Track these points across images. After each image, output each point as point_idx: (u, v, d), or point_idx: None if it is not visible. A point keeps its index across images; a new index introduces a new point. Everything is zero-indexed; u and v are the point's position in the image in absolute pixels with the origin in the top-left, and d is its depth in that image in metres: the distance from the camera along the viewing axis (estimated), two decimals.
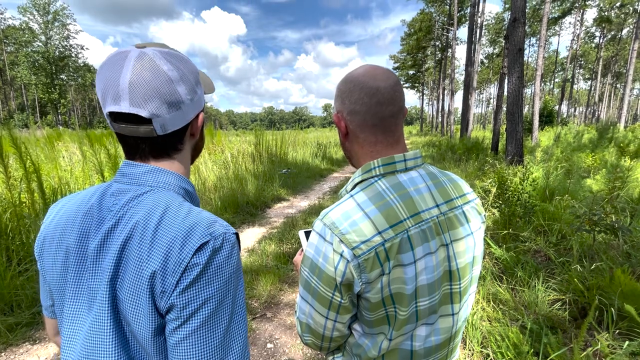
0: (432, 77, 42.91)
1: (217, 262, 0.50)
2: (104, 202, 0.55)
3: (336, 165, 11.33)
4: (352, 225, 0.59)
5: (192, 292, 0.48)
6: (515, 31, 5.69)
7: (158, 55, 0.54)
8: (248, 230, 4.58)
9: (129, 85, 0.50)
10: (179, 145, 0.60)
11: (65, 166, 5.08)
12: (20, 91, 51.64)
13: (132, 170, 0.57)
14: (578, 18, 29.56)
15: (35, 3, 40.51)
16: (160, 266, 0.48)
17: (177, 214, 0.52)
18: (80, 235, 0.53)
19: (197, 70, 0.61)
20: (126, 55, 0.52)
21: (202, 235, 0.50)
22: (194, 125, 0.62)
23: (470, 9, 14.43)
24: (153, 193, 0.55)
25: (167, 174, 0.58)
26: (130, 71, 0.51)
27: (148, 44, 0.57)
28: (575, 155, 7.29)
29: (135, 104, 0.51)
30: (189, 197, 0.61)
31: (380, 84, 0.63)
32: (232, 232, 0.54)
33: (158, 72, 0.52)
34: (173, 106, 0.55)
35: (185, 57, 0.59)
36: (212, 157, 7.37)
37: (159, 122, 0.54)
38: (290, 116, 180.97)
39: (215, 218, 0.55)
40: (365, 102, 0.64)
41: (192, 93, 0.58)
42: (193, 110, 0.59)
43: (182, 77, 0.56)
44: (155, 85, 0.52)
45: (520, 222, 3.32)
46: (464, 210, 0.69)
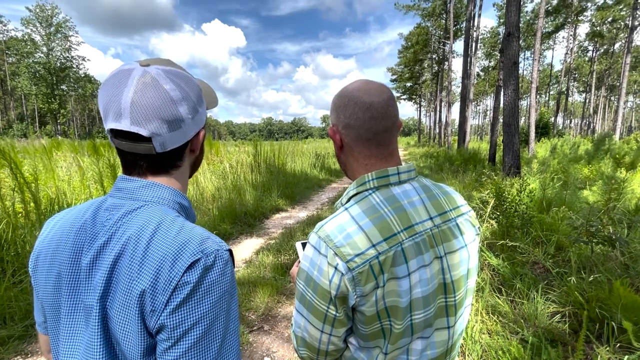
0: (429, 89, 43.47)
1: (209, 280, 0.49)
2: (98, 217, 0.54)
3: (334, 175, 11.35)
4: (346, 238, 0.59)
5: (183, 312, 0.47)
6: (509, 45, 5.81)
7: (161, 75, 0.54)
8: (246, 241, 4.55)
9: (131, 104, 0.51)
10: (178, 162, 0.60)
11: (63, 176, 5.07)
12: (20, 101, 51.90)
13: (128, 185, 0.56)
14: (571, 33, 30.27)
15: (39, 15, 41.10)
16: (150, 284, 0.47)
17: (170, 231, 0.51)
18: (74, 251, 0.53)
19: (199, 88, 0.62)
20: (130, 73, 0.53)
21: (194, 252, 0.49)
22: (194, 142, 0.62)
23: (466, 23, 14.76)
24: (147, 208, 0.54)
25: (162, 189, 0.57)
26: (132, 90, 0.51)
27: (152, 61, 0.57)
28: (571, 167, 7.35)
29: (136, 122, 0.51)
30: (184, 212, 0.60)
31: (374, 99, 0.64)
32: (225, 249, 0.53)
33: (160, 92, 0.53)
34: (174, 125, 0.55)
35: (189, 76, 0.59)
36: (211, 168, 7.37)
37: (159, 140, 0.54)
38: (289, 127, 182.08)
39: (209, 234, 0.54)
40: (360, 117, 0.65)
41: (194, 112, 0.58)
42: (194, 128, 0.60)
43: (185, 97, 0.56)
44: (157, 106, 0.52)
45: (518, 233, 3.32)
46: (457, 222, 0.69)
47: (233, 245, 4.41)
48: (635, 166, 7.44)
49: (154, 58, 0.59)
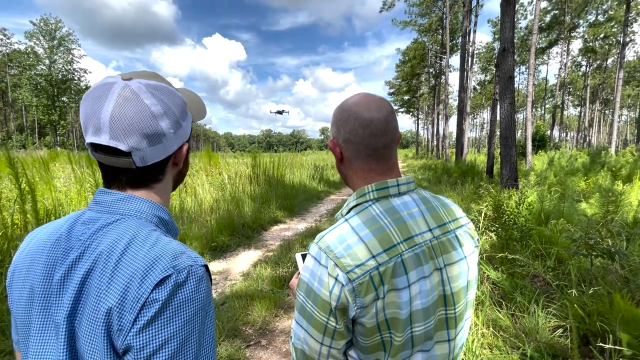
0: (426, 102, 44.06)
1: (180, 297, 0.46)
2: (74, 231, 0.52)
3: (333, 187, 11.35)
4: (346, 249, 0.59)
5: (150, 331, 0.44)
6: (505, 60, 5.93)
7: (142, 89, 0.53)
8: (244, 254, 4.51)
9: (110, 119, 0.50)
10: (160, 176, 0.59)
11: (61, 187, 5.05)
12: (20, 112, 52.13)
13: (105, 198, 0.55)
14: (564, 48, 30.96)
15: (42, 29, 41.76)
16: (117, 302, 0.45)
17: (143, 245, 0.49)
18: (47, 266, 0.50)
19: (183, 102, 0.61)
20: (111, 86, 0.52)
21: (165, 268, 0.47)
22: (177, 156, 0.61)
23: (462, 38, 15.08)
24: (122, 222, 0.52)
25: (140, 202, 0.56)
26: (112, 104, 0.50)
27: (136, 75, 0.56)
28: (568, 179, 7.39)
29: (115, 137, 0.50)
30: (164, 225, 0.58)
31: (374, 115, 0.65)
32: (200, 265, 0.51)
33: (140, 107, 0.52)
34: (154, 140, 0.54)
35: (172, 90, 0.58)
36: (210, 179, 7.37)
37: (139, 155, 0.53)
38: (288, 139, 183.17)
39: (184, 250, 0.51)
40: (359, 134, 0.66)
41: (176, 126, 0.57)
42: (176, 142, 0.59)
43: (166, 112, 0.55)
44: (136, 121, 0.51)
45: (517, 246, 3.31)
46: (456, 234, 0.70)
47: (231, 257, 4.37)
48: (632, 179, 7.49)
49: (140, 71, 0.58)
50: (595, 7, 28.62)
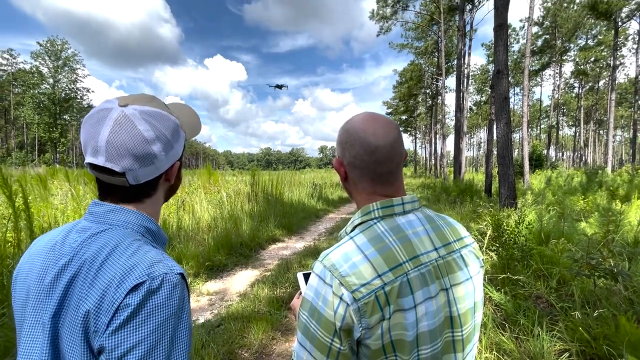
0: (423, 122, 44.74)
1: (153, 303, 0.49)
2: (68, 239, 0.57)
3: (332, 205, 11.32)
4: (352, 268, 0.58)
5: (122, 334, 0.47)
6: (499, 82, 6.08)
7: (137, 116, 0.57)
8: (240, 273, 4.42)
9: (106, 143, 0.55)
10: (151, 192, 0.64)
11: (58, 204, 5.01)
12: (21, 130, 52.51)
13: (97, 209, 0.60)
14: (557, 71, 31.85)
15: (48, 50, 42.73)
16: (95, 305, 0.49)
17: (123, 253, 0.53)
18: (41, 270, 0.55)
19: (175, 124, 0.64)
20: (108, 112, 0.56)
21: (140, 275, 0.50)
22: (169, 173, 0.65)
23: (457, 60, 15.51)
24: (109, 231, 0.57)
25: (129, 213, 0.60)
26: (109, 130, 0.55)
27: (132, 100, 0.60)
28: (567, 199, 7.40)
29: (110, 159, 0.55)
30: (151, 235, 0.62)
31: (380, 143, 0.65)
32: (176, 273, 0.54)
33: (134, 133, 0.56)
34: (146, 162, 0.58)
35: (165, 114, 0.62)
36: (208, 197, 7.34)
37: (132, 174, 0.58)
38: (287, 157, 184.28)
39: (161, 258, 0.55)
40: (365, 160, 0.66)
41: (168, 149, 0.62)
42: (168, 162, 0.63)
43: (158, 136, 0.59)
44: (130, 146, 0.55)
45: (518, 266, 3.27)
46: (462, 254, 0.69)
47: (227, 277, 4.29)
48: (630, 198, 7.51)
49: (137, 95, 0.62)
50: (584, 32, 29.69)
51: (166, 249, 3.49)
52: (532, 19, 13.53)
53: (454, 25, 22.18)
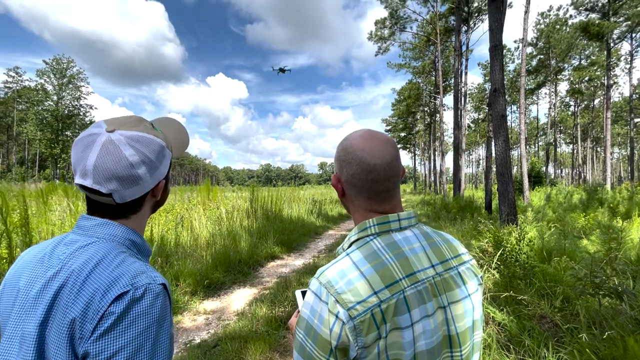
0: (422, 139, 45.17)
1: (135, 312, 0.52)
2: (56, 251, 0.59)
3: (332, 222, 11.24)
4: (347, 285, 0.58)
5: (105, 340, 0.50)
6: (496, 100, 6.18)
7: (122, 141, 0.61)
8: (239, 291, 4.34)
9: (94, 167, 0.58)
10: (137, 209, 0.67)
11: (55, 220, 4.97)
12: (23, 145, 52.83)
13: (85, 223, 0.63)
14: (552, 89, 32.46)
15: (54, 68, 43.54)
16: (80, 313, 0.51)
17: (109, 265, 0.56)
18: (28, 281, 0.57)
19: (161, 146, 0.67)
20: (96, 138, 0.60)
21: (124, 285, 0.53)
22: (154, 190, 0.69)
23: (454, 79, 15.84)
24: (96, 244, 0.60)
25: (115, 227, 0.63)
26: (96, 155, 0.59)
27: (119, 123, 0.63)
28: (567, 216, 7.37)
29: (97, 182, 0.59)
30: (135, 248, 0.66)
31: (377, 162, 0.65)
32: (158, 283, 0.57)
33: (120, 158, 0.60)
34: (131, 184, 0.62)
35: (149, 138, 0.65)
36: (207, 213, 7.30)
37: (118, 195, 0.61)
38: (287, 173, 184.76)
39: (145, 269, 0.58)
40: (362, 179, 0.66)
41: (153, 170, 0.65)
42: (153, 182, 0.66)
43: (143, 160, 0.63)
44: (115, 170, 0.59)
45: (521, 284, 3.21)
46: (459, 271, 0.68)
47: (225, 295, 4.20)
48: (631, 215, 7.48)
49: (125, 118, 0.66)
50: (578, 53, 30.46)
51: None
52: (526, 40, 13.91)
53: (450, 46, 22.79)
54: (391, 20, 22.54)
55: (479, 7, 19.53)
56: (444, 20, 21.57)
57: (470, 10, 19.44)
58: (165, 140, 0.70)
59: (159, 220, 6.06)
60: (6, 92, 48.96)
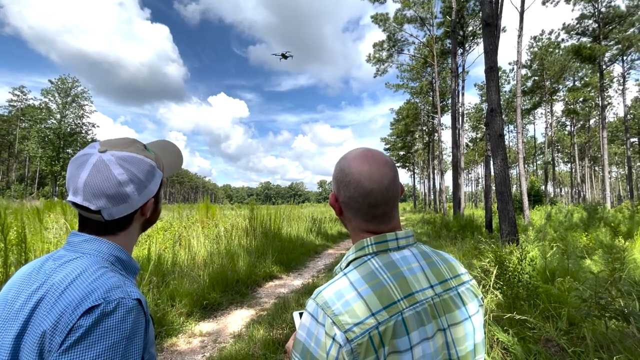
0: (421, 157, 45.48)
1: (105, 326, 0.52)
2: (44, 267, 0.61)
3: (331, 241, 11.13)
4: (344, 306, 0.56)
5: (73, 353, 0.49)
6: (493, 120, 6.27)
7: (112, 161, 0.64)
8: (236, 312, 4.23)
9: (84, 185, 0.62)
10: (126, 226, 0.69)
11: (52, 238, 4.92)
12: (23, 163, 53.02)
13: (74, 239, 0.65)
14: (548, 109, 33.01)
15: (59, 87, 44.31)
16: (51, 326, 0.51)
17: (87, 279, 0.57)
18: (14, 295, 0.58)
19: (150, 167, 0.70)
20: (88, 158, 0.64)
21: (97, 298, 0.53)
22: (143, 208, 0.71)
23: (451, 99, 16.14)
24: (80, 259, 0.61)
25: (101, 243, 0.65)
26: (87, 174, 0.62)
27: (111, 145, 0.67)
28: (569, 235, 7.31)
29: (87, 199, 0.62)
30: (120, 264, 0.67)
31: (374, 186, 0.64)
32: (132, 298, 0.57)
33: (109, 177, 0.63)
34: (120, 201, 0.64)
35: (139, 158, 0.68)
36: (205, 232, 7.24)
37: (107, 212, 0.64)
38: (286, 191, 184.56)
39: (122, 284, 0.58)
40: (359, 202, 0.65)
41: (141, 189, 0.68)
42: (141, 200, 0.69)
43: (131, 179, 0.65)
44: (104, 188, 0.62)
45: (525, 305, 3.14)
46: (459, 292, 0.66)
47: (222, 316, 4.09)
48: (632, 235, 7.42)
49: (118, 140, 0.70)
50: (571, 74, 31.21)
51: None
52: (520, 63, 14.29)
53: (447, 67, 23.38)
54: (389, 43, 23.26)
55: (474, 31, 20.22)
56: (440, 43, 22.26)
57: (465, 34, 20.11)
58: (156, 161, 0.73)
59: (156, 238, 6.00)
60: (10, 110, 49.65)
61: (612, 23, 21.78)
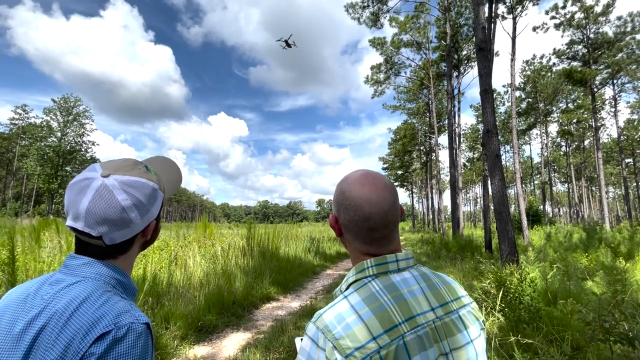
0: (419, 177, 45.69)
1: (117, 352, 0.51)
2: (40, 291, 0.58)
3: (329, 261, 10.97)
4: (345, 329, 0.55)
5: None
6: (490, 140, 6.37)
7: (116, 186, 0.62)
8: (232, 335, 4.11)
9: (86, 211, 0.59)
10: (126, 249, 0.67)
11: (45, 257, 4.83)
12: (20, 180, 52.80)
13: (72, 262, 0.62)
14: (543, 130, 33.58)
15: (61, 106, 44.79)
16: (59, 355, 0.49)
17: (93, 305, 0.55)
18: (11, 321, 0.55)
19: (152, 189, 0.68)
20: (91, 182, 0.61)
21: (107, 325, 0.52)
22: (145, 231, 0.69)
23: (448, 120, 16.43)
24: (82, 283, 0.59)
25: (101, 266, 0.63)
26: (89, 200, 0.60)
27: (114, 167, 0.65)
28: (569, 256, 7.25)
29: (88, 225, 0.60)
30: (121, 286, 0.65)
31: (373, 210, 0.64)
32: (142, 322, 0.56)
33: (112, 203, 0.61)
34: (122, 226, 0.62)
35: (143, 182, 0.66)
36: (202, 251, 7.14)
37: (108, 237, 0.62)
38: (285, 210, 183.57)
39: (129, 308, 0.57)
40: (358, 225, 0.65)
41: (144, 213, 0.66)
42: (144, 224, 0.67)
43: (135, 204, 0.64)
44: (107, 214, 0.60)
45: (528, 329, 3.07)
46: (460, 315, 0.66)
47: (217, 340, 3.97)
48: (633, 256, 7.37)
49: (119, 162, 0.67)
50: (564, 97, 31.97)
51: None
52: (514, 85, 14.69)
53: (442, 89, 23.95)
54: (386, 65, 23.91)
55: (468, 54, 20.86)
56: (436, 66, 22.90)
57: (460, 58, 20.73)
58: (158, 182, 0.71)
59: (152, 258, 5.90)
60: (11, 128, 49.97)
61: (600, 48, 22.58)
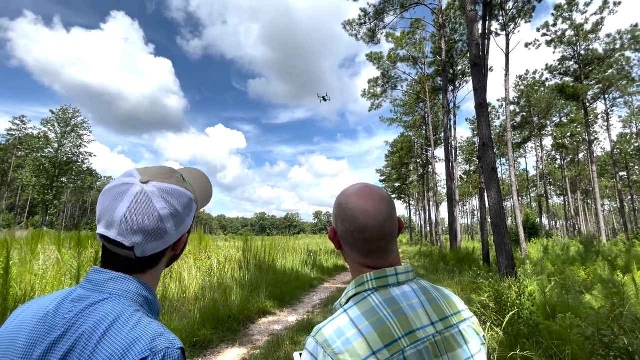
0: (416, 189, 45.82)
1: None
2: (61, 309, 0.53)
3: (327, 274, 10.85)
4: (345, 344, 0.55)
5: None
6: (486, 154, 6.44)
7: (156, 194, 0.59)
8: (227, 351, 4.02)
9: (122, 219, 0.56)
10: (156, 263, 0.63)
11: (38, 270, 4.75)
12: (15, 191, 52.30)
13: (97, 277, 0.58)
14: (538, 143, 33.99)
15: (59, 117, 44.73)
16: None
17: (124, 326, 0.51)
18: (28, 343, 0.51)
19: (189, 199, 0.65)
20: (128, 188, 0.58)
21: (142, 350, 0.49)
22: (176, 244, 0.65)
23: (444, 133, 16.61)
24: (109, 301, 0.54)
25: (129, 282, 0.58)
26: (126, 207, 0.56)
27: (152, 174, 0.62)
28: (567, 269, 7.23)
29: (122, 234, 0.56)
30: (147, 305, 0.60)
31: (369, 222, 0.65)
32: (177, 347, 0.53)
33: (150, 211, 0.57)
34: (157, 237, 0.59)
35: (181, 191, 0.63)
36: (197, 264, 7.05)
37: (140, 248, 0.58)
38: (282, 222, 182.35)
39: (163, 331, 0.54)
40: (355, 237, 0.66)
41: (179, 224, 0.62)
42: (177, 236, 0.63)
43: (173, 214, 0.60)
44: (144, 224, 0.57)
45: (527, 344, 3.04)
46: (460, 329, 0.65)
47: (211, 355, 3.88)
48: (630, 269, 7.36)
49: (157, 169, 0.64)
50: (557, 111, 32.52)
51: None
52: (508, 99, 14.96)
53: (438, 103, 24.31)
54: (383, 79, 24.30)
55: (463, 69, 21.29)
56: (432, 81, 23.31)
57: (455, 72, 21.15)
58: (194, 193, 0.68)
59: None
60: (8, 139, 49.82)
61: (591, 64, 23.14)
